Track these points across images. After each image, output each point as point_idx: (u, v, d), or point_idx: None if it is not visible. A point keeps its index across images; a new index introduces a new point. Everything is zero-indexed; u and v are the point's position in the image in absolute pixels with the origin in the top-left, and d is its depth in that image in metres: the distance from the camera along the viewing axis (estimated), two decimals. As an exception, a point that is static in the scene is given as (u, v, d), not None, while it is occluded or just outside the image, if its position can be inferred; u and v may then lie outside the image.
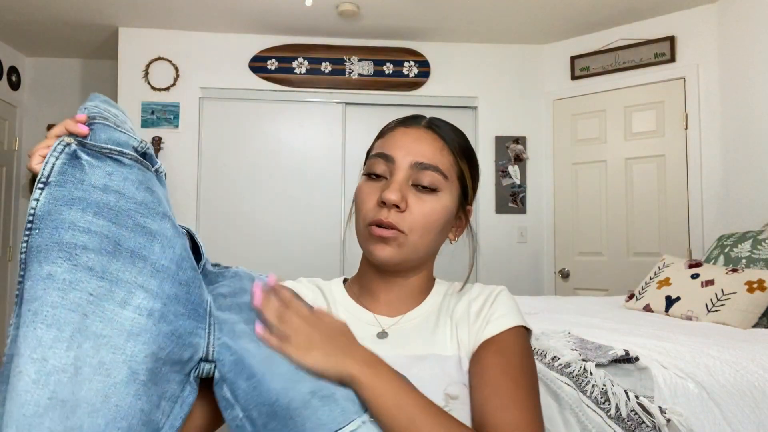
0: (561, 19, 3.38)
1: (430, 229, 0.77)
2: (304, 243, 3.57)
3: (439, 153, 0.78)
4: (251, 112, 3.62)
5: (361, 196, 0.79)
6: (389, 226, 0.74)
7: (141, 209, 0.54)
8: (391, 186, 0.75)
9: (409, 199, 0.76)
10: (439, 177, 0.77)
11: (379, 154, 0.79)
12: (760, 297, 1.87)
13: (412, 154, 0.77)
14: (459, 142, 0.82)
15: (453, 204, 0.80)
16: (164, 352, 0.49)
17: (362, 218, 0.78)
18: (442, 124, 0.82)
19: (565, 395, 1.09)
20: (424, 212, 0.76)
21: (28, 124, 4.01)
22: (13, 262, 3.93)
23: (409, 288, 0.82)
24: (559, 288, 3.64)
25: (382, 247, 0.76)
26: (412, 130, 0.80)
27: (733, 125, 3.00)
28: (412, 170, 0.77)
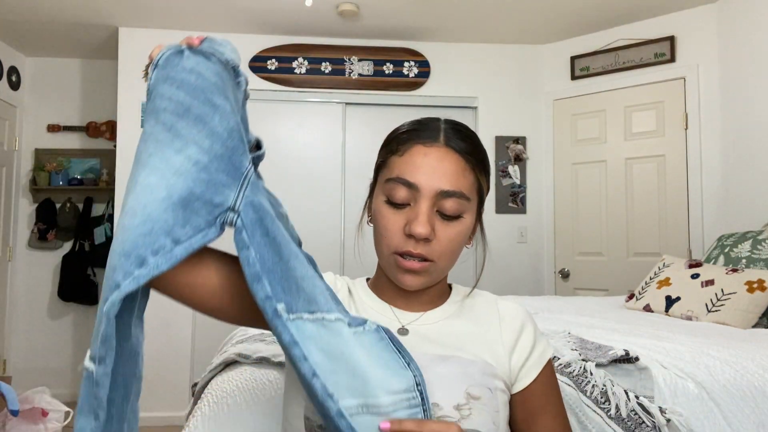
0: (561, 19, 3.38)
1: (456, 251, 0.77)
2: (304, 243, 3.56)
3: (462, 176, 0.76)
4: (251, 112, 3.56)
5: (384, 222, 0.76)
6: (419, 257, 0.74)
7: (212, 88, 0.67)
8: (420, 219, 0.73)
9: (435, 227, 0.74)
10: (463, 202, 0.75)
11: (402, 181, 0.75)
12: (760, 297, 1.87)
13: (436, 180, 0.74)
14: (477, 155, 0.79)
15: (473, 220, 0.79)
16: (199, 190, 0.63)
17: (387, 245, 0.76)
18: (458, 137, 0.78)
19: (565, 395, 1.09)
20: (450, 238, 0.75)
21: (28, 124, 4.01)
22: (13, 262, 3.93)
23: (427, 296, 0.83)
24: (559, 288, 3.64)
25: (412, 278, 0.75)
26: (432, 150, 0.76)
27: (733, 125, 3.00)
28: (436, 198, 0.74)
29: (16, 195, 3.96)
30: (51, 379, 3.88)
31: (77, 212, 3.97)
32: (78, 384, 3.95)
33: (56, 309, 3.99)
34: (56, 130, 4.01)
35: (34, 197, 3.99)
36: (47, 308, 3.99)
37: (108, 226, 3.83)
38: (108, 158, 3.97)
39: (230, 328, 3.04)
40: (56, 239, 3.96)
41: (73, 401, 3.81)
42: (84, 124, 4.04)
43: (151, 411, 3.42)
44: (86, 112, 4.06)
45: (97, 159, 4.03)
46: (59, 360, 3.96)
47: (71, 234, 3.95)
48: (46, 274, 3.98)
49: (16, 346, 3.94)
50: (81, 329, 4.00)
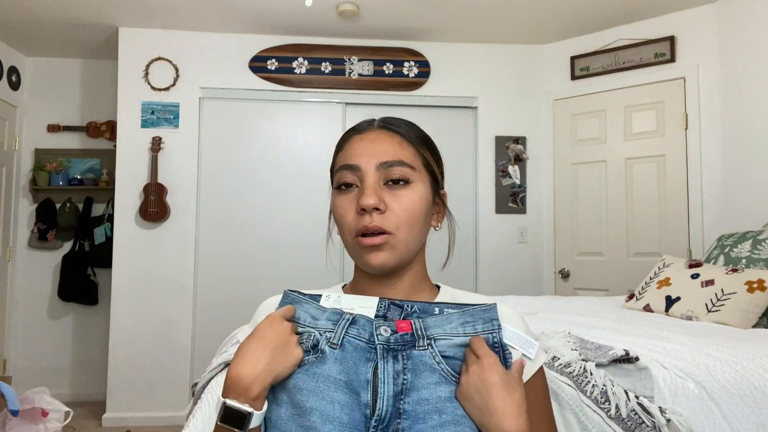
0: (561, 19, 3.38)
1: (414, 222, 0.78)
2: (304, 243, 3.57)
3: (399, 147, 0.80)
4: (251, 112, 3.62)
5: (339, 210, 0.80)
6: (376, 230, 0.75)
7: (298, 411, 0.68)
8: (366, 191, 0.76)
9: (385, 199, 0.77)
10: (406, 169, 0.79)
11: (344, 166, 0.80)
12: (760, 297, 1.87)
13: (374, 156, 0.78)
14: (415, 132, 0.83)
15: (427, 192, 0.81)
16: None
17: (347, 232, 0.79)
18: (393, 120, 0.84)
19: (565, 395, 1.09)
20: (404, 207, 0.77)
21: (28, 124, 4.01)
22: (13, 262, 3.93)
23: (404, 288, 0.82)
24: (559, 288, 3.64)
25: (376, 255, 0.76)
26: (366, 134, 0.82)
27: (733, 125, 3.00)
28: (379, 171, 0.78)
29: (16, 195, 3.96)
30: (51, 379, 3.89)
31: (77, 212, 3.97)
32: (78, 384, 3.96)
33: (56, 309, 3.99)
34: (56, 130, 4.01)
35: (34, 197, 3.99)
36: (47, 308, 3.99)
37: (108, 226, 3.83)
38: (108, 158, 3.97)
39: (230, 328, 3.06)
40: (56, 239, 3.96)
41: (73, 401, 3.81)
42: (84, 124, 4.04)
43: (151, 411, 3.42)
44: (86, 112, 4.06)
45: (97, 159, 4.03)
46: (59, 360, 3.96)
47: (71, 234, 3.95)
48: (46, 274, 3.99)
49: (16, 346, 3.94)
50: (81, 329, 4.00)
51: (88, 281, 3.90)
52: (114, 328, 3.44)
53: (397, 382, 0.68)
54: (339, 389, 0.67)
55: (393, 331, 0.71)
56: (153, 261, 3.48)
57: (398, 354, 0.70)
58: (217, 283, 3.53)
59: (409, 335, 0.71)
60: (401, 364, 0.69)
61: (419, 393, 0.68)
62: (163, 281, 3.48)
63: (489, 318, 0.75)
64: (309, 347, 0.71)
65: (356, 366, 0.69)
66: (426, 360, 0.70)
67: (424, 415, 0.67)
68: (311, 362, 0.70)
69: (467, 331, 0.73)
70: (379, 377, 0.68)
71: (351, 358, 0.69)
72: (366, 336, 0.71)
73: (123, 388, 3.42)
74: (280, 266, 3.56)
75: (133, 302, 3.46)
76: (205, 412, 1.07)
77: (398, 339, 0.71)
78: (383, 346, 0.70)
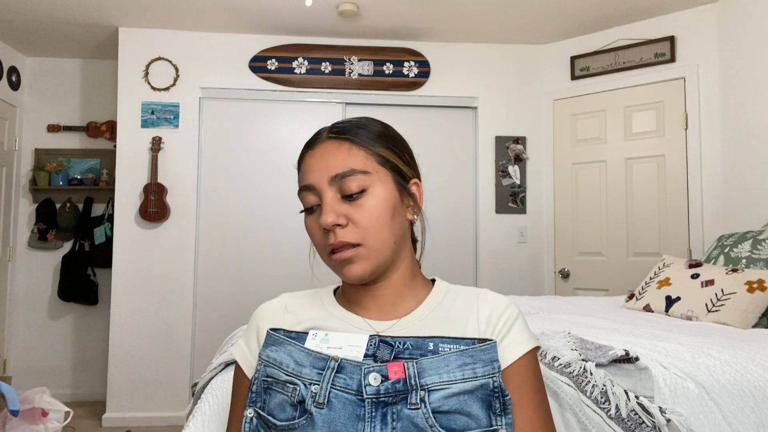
0: (561, 19, 3.38)
1: (380, 226, 0.76)
2: (303, 243, 3.57)
3: (348, 155, 0.78)
4: (251, 112, 3.62)
5: (309, 231, 0.81)
6: (341, 246, 0.75)
7: None
8: (324, 211, 0.76)
9: (346, 212, 0.76)
10: (359, 176, 0.76)
11: (302, 187, 0.80)
12: (760, 297, 1.87)
13: (326, 169, 0.77)
14: (365, 132, 0.81)
15: (390, 190, 0.78)
16: None
17: (321, 251, 0.80)
18: (343, 125, 0.82)
19: (565, 395, 1.09)
20: (365, 216, 0.76)
21: (28, 124, 4.01)
22: (13, 262, 3.93)
23: (393, 289, 0.81)
24: (559, 288, 3.64)
25: (349, 268, 0.76)
26: (317, 148, 0.80)
27: (733, 125, 3.00)
28: (333, 185, 0.77)
29: (16, 195, 3.96)
30: (51, 379, 3.89)
31: (77, 212, 3.97)
32: (77, 383, 3.96)
33: (56, 309, 3.99)
34: (56, 130, 4.01)
35: (34, 197, 3.99)
36: (47, 308, 3.99)
37: (108, 226, 3.83)
38: (108, 158, 3.97)
39: (230, 328, 3.05)
40: (56, 239, 3.96)
41: (72, 401, 3.81)
42: (84, 124, 4.04)
43: (151, 411, 3.42)
44: (86, 112, 4.06)
45: (97, 159, 4.03)
46: (59, 360, 3.96)
47: (71, 234, 3.95)
48: (46, 274, 3.99)
49: (16, 346, 3.94)
50: (81, 329, 4.00)
51: (88, 281, 3.90)
52: (114, 328, 3.44)
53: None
54: None
55: (383, 377, 0.68)
56: (153, 261, 3.48)
57: (388, 411, 0.67)
58: (217, 283, 3.53)
59: (401, 383, 0.68)
60: (390, 428, 0.66)
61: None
62: (163, 281, 3.48)
63: (489, 360, 0.72)
64: (295, 402, 0.68)
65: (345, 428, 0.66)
66: (418, 422, 0.66)
67: None
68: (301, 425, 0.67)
69: (466, 375, 0.70)
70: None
71: (340, 419, 0.66)
72: (354, 386, 0.68)
73: (123, 388, 3.42)
74: (279, 266, 3.56)
75: (133, 302, 3.46)
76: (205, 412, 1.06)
77: (389, 389, 0.68)
78: (372, 399, 0.67)
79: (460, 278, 3.59)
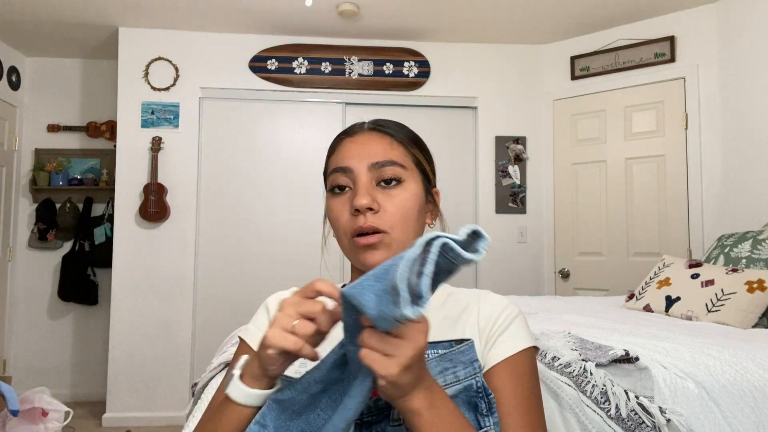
0: (561, 19, 3.38)
1: (408, 220, 0.79)
2: (303, 243, 3.57)
3: (390, 147, 0.81)
4: (251, 112, 3.62)
5: (334, 213, 0.80)
6: (371, 230, 0.76)
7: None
8: (359, 192, 0.77)
9: (378, 199, 0.78)
10: (398, 168, 0.79)
11: (336, 169, 0.81)
12: (760, 297, 1.87)
13: (365, 157, 0.79)
14: (404, 132, 0.85)
15: (420, 190, 0.82)
16: None
17: (342, 233, 0.79)
18: (383, 122, 0.86)
19: (565, 395, 1.09)
20: (397, 206, 0.78)
21: (28, 124, 4.01)
22: (13, 262, 3.93)
23: None
24: (559, 288, 3.64)
25: (372, 254, 0.76)
26: (357, 137, 0.83)
27: (733, 125, 3.00)
28: (371, 172, 0.79)
29: (16, 195, 3.96)
30: (51, 379, 3.88)
31: (77, 212, 3.97)
32: (77, 383, 3.96)
33: (56, 309, 3.99)
34: (56, 130, 4.01)
35: (34, 197, 3.99)
36: (47, 308, 3.99)
37: (108, 226, 3.83)
38: (108, 158, 3.97)
39: (230, 328, 3.05)
40: (56, 239, 3.96)
41: (72, 401, 3.81)
42: (84, 124, 4.04)
43: (151, 411, 3.42)
44: (86, 112, 4.06)
45: (97, 159, 4.03)
46: (59, 360, 3.96)
47: (71, 234, 3.95)
48: (46, 274, 3.99)
49: (16, 346, 3.94)
50: (81, 329, 4.00)
51: (88, 281, 3.90)
52: (114, 328, 3.44)
53: None
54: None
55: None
56: (153, 261, 3.48)
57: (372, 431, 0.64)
58: (217, 283, 3.53)
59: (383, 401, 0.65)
60: None
61: None
62: (163, 281, 3.48)
63: (469, 361, 0.70)
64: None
65: None
66: None
67: None
68: None
69: (448, 380, 0.69)
70: None
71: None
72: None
73: (123, 388, 3.42)
74: (280, 266, 3.56)
75: (133, 302, 3.46)
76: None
77: (371, 408, 0.65)
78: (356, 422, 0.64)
79: (460, 278, 3.58)
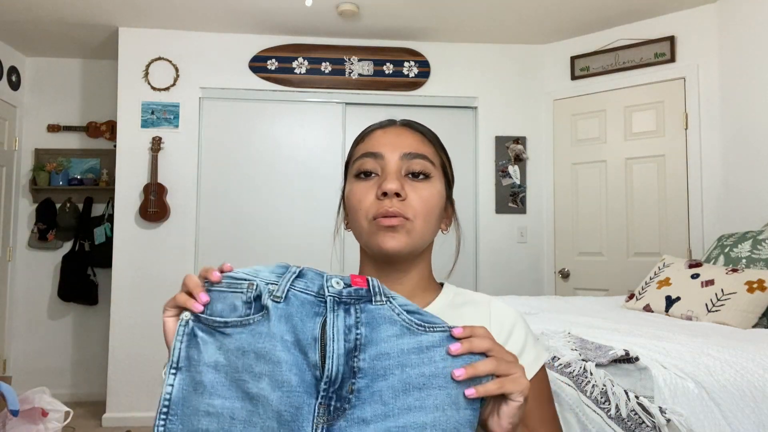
0: (561, 19, 3.38)
1: (430, 215, 0.79)
2: (303, 243, 3.57)
3: (422, 143, 0.83)
4: (251, 112, 3.62)
5: (357, 195, 0.80)
6: (395, 214, 0.76)
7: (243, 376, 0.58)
8: (389, 177, 0.77)
9: (405, 188, 0.78)
10: (428, 163, 0.81)
11: (367, 154, 0.81)
12: (760, 297, 1.87)
13: (399, 147, 0.80)
14: (432, 135, 0.87)
15: (443, 191, 0.83)
16: None
17: (363, 216, 0.78)
18: (414, 122, 0.88)
19: (565, 395, 1.09)
20: (422, 198, 0.78)
21: (28, 124, 4.01)
22: (13, 262, 3.93)
23: (409, 284, 0.82)
24: (559, 288, 3.64)
25: (392, 236, 0.76)
26: (390, 128, 0.85)
27: (733, 125, 3.00)
28: (402, 162, 0.79)
29: (16, 195, 3.96)
30: (51, 379, 3.88)
31: (77, 212, 3.97)
32: (77, 383, 3.96)
33: (56, 309, 3.99)
34: (56, 130, 4.01)
35: (34, 197, 3.99)
36: (47, 308, 3.99)
37: (108, 226, 3.83)
38: (108, 158, 3.97)
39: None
40: (56, 239, 3.96)
41: (72, 401, 3.81)
42: (84, 124, 4.04)
43: (151, 411, 3.41)
44: (86, 112, 4.06)
45: (97, 159, 4.03)
46: (59, 360, 3.96)
47: (71, 234, 3.95)
48: (46, 274, 3.99)
49: (16, 346, 3.94)
50: (81, 329, 4.00)
51: (88, 281, 3.90)
52: (114, 328, 3.44)
53: (349, 338, 0.60)
54: (287, 350, 0.59)
55: (346, 284, 0.63)
56: (153, 261, 3.48)
57: (350, 308, 0.62)
58: (217, 283, 3.53)
59: (365, 291, 0.63)
60: (353, 318, 0.61)
61: (377, 347, 0.60)
62: (163, 281, 3.48)
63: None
64: (251, 299, 0.61)
65: (303, 323, 0.60)
66: (384, 313, 0.62)
67: (384, 371, 0.60)
68: (256, 321, 0.60)
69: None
70: (328, 334, 0.60)
71: (297, 314, 0.61)
72: (315, 289, 0.63)
73: (123, 388, 3.42)
74: (280, 266, 3.55)
75: (133, 302, 3.46)
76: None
77: (351, 293, 0.63)
78: (334, 298, 0.62)
79: (460, 278, 3.59)
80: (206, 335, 0.60)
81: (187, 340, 0.60)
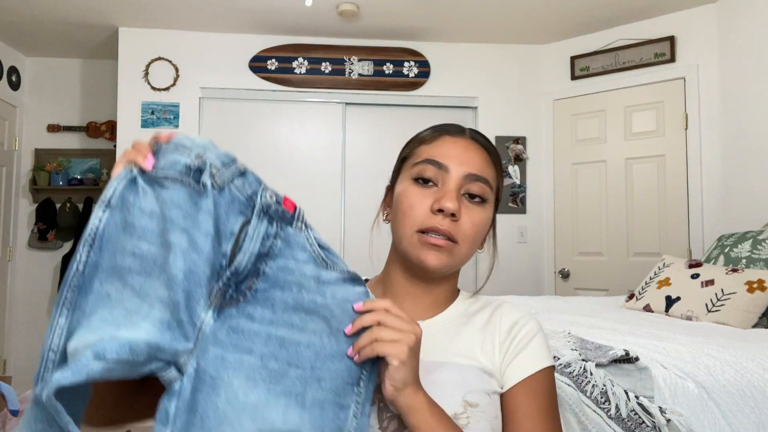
0: (561, 19, 3.38)
1: (476, 240, 0.79)
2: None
3: (486, 165, 0.80)
4: (251, 112, 3.62)
5: (409, 200, 0.78)
6: (445, 234, 0.75)
7: (168, 226, 0.61)
8: (449, 195, 0.75)
9: (461, 209, 0.77)
10: (487, 188, 0.79)
11: (430, 161, 0.78)
12: (760, 297, 1.87)
13: (465, 164, 0.78)
14: (498, 155, 0.84)
15: (491, 215, 0.82)
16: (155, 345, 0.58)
17: (410, 224, 0.77)
18: (481, 136, 0.84)
19: (565, 395, 1.09)
20: (474, 222, 0.77)
21: (28, 124, 4.01)
22: (13, 262, 3.93)
23: (434, 296, 0.82)
24: (559, 288, 3.64)
25: (435, 255, 0.76)
26: (459, 139, 0.81)
27: (733, 125, 3.00)
28: (464, 181, 0.77)
29: (16, 195, 3.96)
30: (51, 379, 3.88)
31: (77, 212, 3.97)
32: (78, 384, 3.96)
33: (56, 309, 3.99)
34: (56, 130, 4.01)
35: (34, 197, 3.99)
36: (47, 308, 3.99)
37: (108, 226, 3.83)
38: (108, 158, 3.97)
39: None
40: (56, 239, 3.96)
41: (73, 401, 3.80)
42: (84, 124, 4.04)
43: (151, 411, 3.42)
44: (86, 112, 4.06)
45: (97, 159, 4.03)
46: (59, 360, 3.96)
47: (71, 234, 3.95)
48: (46, 274, 3.98)
49: (16, 346, 3.94)
50: (81, 329, 4.00)
51: (88, 281, 3.89)
52: (114, 328, 3.44)
53: (265, 245, 0.65)
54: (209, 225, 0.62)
55: (278, 202, 0.68)
56: (153, 261, 3.48)
57: (274, 222, 0.67)
58: (217, 283, 3.53)
59: (290, 214, 0.68)
60: (275, 230, 0.66)
61: (285, 261, 0.65)
62: (163, 281, 3.48)
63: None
64: (194, 167, 0.64)
65: (227, 216, 0.64)
66: (299, 240, 0.67)
67: (284, 283, 0.65)
68: (192, 186, 0.63)
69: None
70: (249, 233, 0.64)
71: (224, 206, 0.64)
72: (248, 192, 0.68)
73: (123, 388, 3.42)
74: (280, 266, 3.56)
75: (133, 302, 3.46)
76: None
77: (278, 210, 0.67)
78: (263, 207, 0.67)
79: (459, 278, 3.59)
80: (147, 186, 0.62)
81: (126, 183, 0.62)
